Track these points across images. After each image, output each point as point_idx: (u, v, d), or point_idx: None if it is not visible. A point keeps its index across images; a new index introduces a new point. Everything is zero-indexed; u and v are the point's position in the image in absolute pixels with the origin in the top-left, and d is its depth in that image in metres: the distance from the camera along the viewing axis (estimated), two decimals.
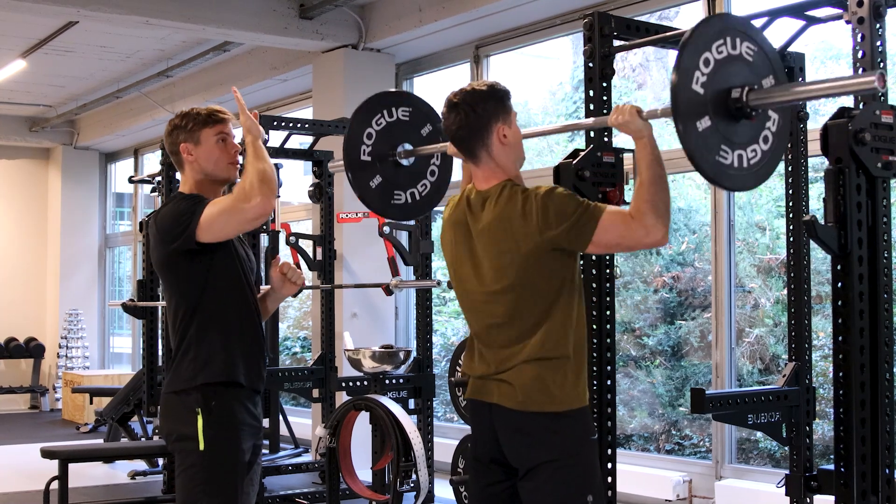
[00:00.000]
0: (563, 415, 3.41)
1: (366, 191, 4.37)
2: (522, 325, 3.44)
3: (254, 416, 3.80)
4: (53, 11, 8.82)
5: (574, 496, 3.39)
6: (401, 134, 4.44)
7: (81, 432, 12.44)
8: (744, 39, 3.26)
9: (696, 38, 3.17)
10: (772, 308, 7.65)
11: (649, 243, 3.34)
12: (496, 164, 3.54)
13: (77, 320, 15.22)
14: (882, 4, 3.67)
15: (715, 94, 3.18)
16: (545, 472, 3.39)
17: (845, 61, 6.04)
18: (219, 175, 3.85)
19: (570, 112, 9.62)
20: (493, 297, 3.50)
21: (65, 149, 15.63)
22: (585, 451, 3.45)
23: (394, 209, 4.47)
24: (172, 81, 12.25)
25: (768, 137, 3.33)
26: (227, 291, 3.79)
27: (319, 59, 9.79)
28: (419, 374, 7.03)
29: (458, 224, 3.63)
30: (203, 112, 3.86)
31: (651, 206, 3.28)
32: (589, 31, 4.33)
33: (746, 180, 3.32)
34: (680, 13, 8.04)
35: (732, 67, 3.22)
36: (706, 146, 3.16)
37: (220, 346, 3.73)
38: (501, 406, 3.46)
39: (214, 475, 3.67)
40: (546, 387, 3.40)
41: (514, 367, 3.44)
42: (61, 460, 6.84)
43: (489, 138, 3.51)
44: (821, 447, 6.66)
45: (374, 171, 4.36)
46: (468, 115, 3.52)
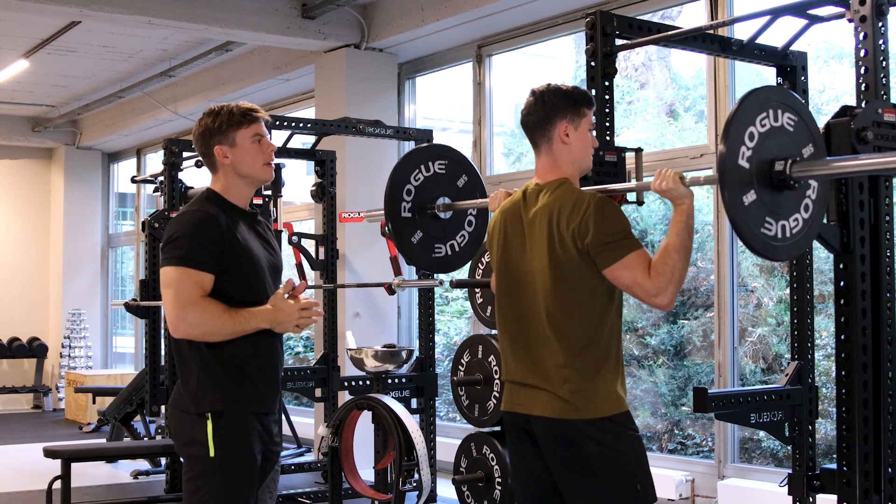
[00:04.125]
0: (609, 420, 3.48)
1: (407, 246, 4.41)
2: (561, 323, 3.51)
3: (265, 424, 3.67)
4: (56, 11, 8.82)
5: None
6: (438, 187, 4.48)
7: (84, 432, 12.44)
8: (785, 110, 3.31)
9: (742, 113, 3.21)
10: (774, 307, 7.64)
11: (653, 303, 3.42)
12: (554, 159, 3.65)
13: (80, 320, 15.22)
14: (885, 3, 3.67)
15: (760, 167, 3.22)
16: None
17: (848, 61, 6.03)
18: (256, 177, 3.72)
19: None
20: (536, 284, 3.57)
21: (67, 149, 15.64)
22: (633, 449, 3.52)
23: (435, 262, 4.52)
24: (175, 81, 12.25)
25: (809, 206, 3.36)
26: (237, 306, 3.59)
27: (322, 59, 9.79)
28: (422, 374, 7.03)
29: (509, 212, 3.73)
30: (237, 111, 3.68)
31: (670, 271, 3.36)
32: (591, 30, 4.33)
33: (790, 250, 3.35)
34: (682, 12, 8.03)
35: (775, 139, 3.26)
36: (752, 219, 3.20)
37: (224, 372, 3.58)
38: (547, 417, 3.52)
39: (225, 483, 3.55)
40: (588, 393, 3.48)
41: (555, 373, 3.51)
42: (64, 460, 6.84)
43: (552, 132, 3.63)
44: (823, 446, 6.66)
45: (414, 226, 4.40)
46: (538, 105, 3.65)
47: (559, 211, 3.51)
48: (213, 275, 3.53)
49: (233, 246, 3.59)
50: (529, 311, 3.60)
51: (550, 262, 3.51)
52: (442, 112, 10.95)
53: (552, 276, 3.51)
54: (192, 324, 3.48)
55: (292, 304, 3.61)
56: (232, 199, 3.71)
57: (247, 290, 3.62)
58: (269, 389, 3.69)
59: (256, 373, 3.64)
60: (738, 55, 4.75)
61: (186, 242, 3.52)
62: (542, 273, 3.54)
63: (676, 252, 3.37)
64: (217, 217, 3.59)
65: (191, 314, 3.47)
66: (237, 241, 3.61)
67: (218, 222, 3.57)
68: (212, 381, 3.57)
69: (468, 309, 9.24)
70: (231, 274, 3.58)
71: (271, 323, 3.59)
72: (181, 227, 3.57)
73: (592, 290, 3.49)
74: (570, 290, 3.49)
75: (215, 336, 3.52)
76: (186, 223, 3.57)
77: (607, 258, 3.41)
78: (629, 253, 3.40)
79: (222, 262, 3.55)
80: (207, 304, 3.49)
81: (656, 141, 8.30)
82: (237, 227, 3.64)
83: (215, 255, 3.54)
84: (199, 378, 3.58)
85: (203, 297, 3.49)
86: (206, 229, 3.55)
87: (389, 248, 6.89)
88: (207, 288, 3.52)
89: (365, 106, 9.26)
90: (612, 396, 3.49)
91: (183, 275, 3.49)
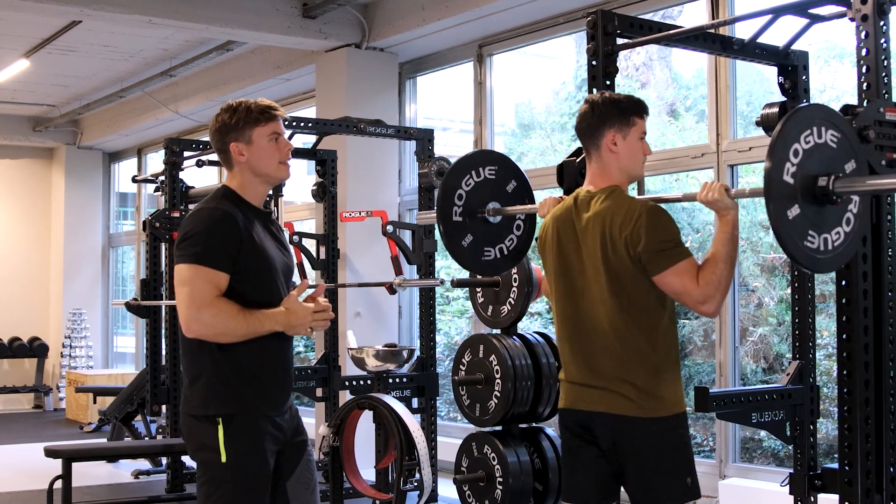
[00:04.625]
0: (669, 418, 3.63)
1: (458, 249, 4.45)
2: (619, 327, 3.63)
3: (277, 424, 3.62)
4: (56, 11, 8.82)
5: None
6: (488, 192, 4.51)
7: (85, 431, 12.44)
8: (829, 128, 3.35)
9: (788, 130, 3.26)
10: (775, 307, 7.64)
11: (701, 310, 3.56)
12: (603, 167, 3.77)
13: (80, 320, 15.21)
14: (886, 2, 3.66)
15: (804, 182, 3.26)
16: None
17: (849, 60, 6.03)
18: (271, 175, 3.65)
19: (574, 111, 9.61)
20: (592, 289, 3.69)
21: (68, 148, 15.64)
22: (686, 446, 3.70)
23: (484, 265, 4.55)
24: (176, 81, 12.25)
25: (850, 220, 3.40)
26: (250, 306, 3.53)
27: (322, 59, 9.79)
28: (423, 373, 7.03)
29: (561, 219, 3.83)
30: (254, 108, 3.61)
31: (717, 280, 3.49)
32: (592, 29, 4.33)
33: (831, 263, 3.39)
34: (683, 12, 8.03)
35: (818, 155, 3.30)
36: (796, 232, 3.24)
37: (234, 374, 3.54)
38: (609, 413, 3.65)
39: (238, 487, 3.51)
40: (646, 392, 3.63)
41: (614, 374, 3.64)
42: (65, 459, 6.83)
43: (600, 140, 3.76)
44: (825, 446, 6.65)
45: (464, 230, 4.44)
46: (589, 113, 3.80)
47: (612, 218, 3.63)
48: (228, 274, 3.47)
49: (249, 245, 3.53)
50: (587, 316, 3.72)
51: (605, 268, 3.63)
52: (443, 112, 10.95)
53: (607, 281, 3.63)
54: (206, 323, 3.43)
55: (306, 307, 3.57)
56: (247, 198, 3.65)
57: (260, 291, 3.57)
58: (279, 392, 3.65)
59: (267, 375, 3.60)
60: (739, 54, 4.75)
61: (202, 240, 3.47)
62: (597, 278, 3.66)
63: (723, 262, 3.50)
64: (234, 215, 3.53)
65: (205, 314, 3.42)
66: (253, 240, 3.55)
67: (235, 220, 3.52)
68: (222, 384, 3.52)
69: (469, 308, 9.23)
70: (245, 274, 3.52)
71: (284, 326, 3.54)
72: (197, 225, 3.52)
73: (645, 295, 3.61)
74: (625, 295, 3.62)
75: (228, 337, 3.47)
76: (203, 220, 3.52)
77: (658, 265, 3.54)
78: (680, 261, 3.53)
79: (238, 262, 3.49)
80: (222, 304, 3.44)
81: (657, 141, 8.29)
82: (253, 226, 3.59)
83: (232, 253, 3.48)
84: (208, 380, 3.54)
85: (218, 296, 3.45)
86: (223, 227, 3.50)
87: (390, 247, 6.89)
88: (223, 287, 3.47)
89: (366, 105, 9.26)
90: (671, 397, 3.64)
91: (198, 273, 3.44)
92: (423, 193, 7.24)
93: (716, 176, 7.06)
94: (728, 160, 7.02)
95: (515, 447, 5.72)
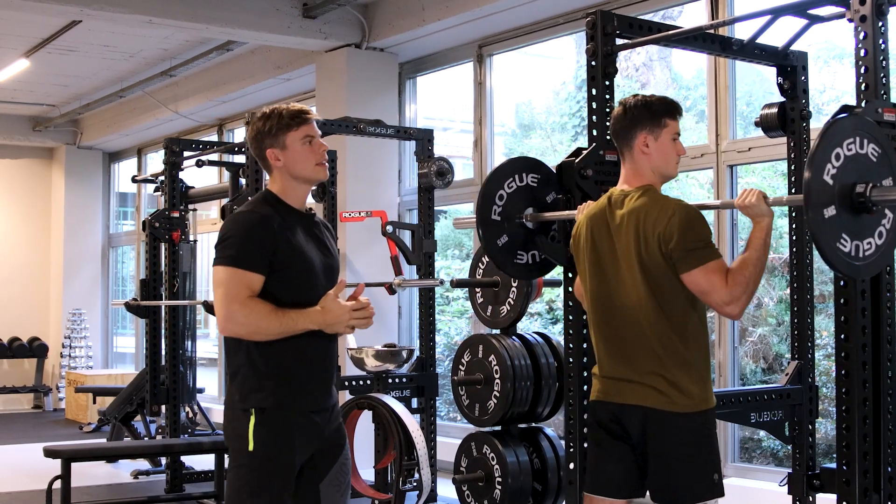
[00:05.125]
0: (699, 414, 3.70)
1: (492, 247, 4.49)
2: (652, 323, 3.69)
3: (315, 421, 3.68)
4: (57, 11, 8.83)
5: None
6: (528, 198, 4.56)
7: (84, 432, 12.44)
8: (871, 141, 3.44)
9: (831, 134, 3.35)
10: (775, 307, 7.65)
11: (725, 311, 3.62)
12: (636, 167, 3.85)
13: (80, 320, 15.22)
14: (885, 2, 3.67)
15: (842, 186, 3.34)
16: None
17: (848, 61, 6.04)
18: (309, 178, 3.76)
19: (574, 111, 9.63)
20: (626, 286, 3.75)
21: (68, 148, 15.64)
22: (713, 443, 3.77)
23: (515, 267, 4.59)
24: (176, 81, 12.26)
25: (883, 233, 3.47)
26: (287, 307, 3.62)
27: (322, 59, 9.79)
28: (422, 373, 7.04)
29: (595, 218, 3.89)
30: (286, 114, 3.73)
31: (745, 282, 3.56)
32: (591, 29, 4.34)
33: (860, 270, 3.44)
34: (683, 12, 8.04)
35: (858, 164, 3.39)
36: (830, 232, 3.31)
37: (270, 371, 3.62)
38: (641, 406, 3.72)
39: (260, 477, 3.59)
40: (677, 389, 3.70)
41: (648, 369, 3.71)
42: (64, 460, 6.84)
43: (632, 141, 3.84)
44: (823, 446, 6.66)
45: (501, 230, 4.49)
46: (621, 116, 3.87)
47: (646, 215, 3.69)
48: (262, 275, 3.57)
49: (285, 247, 3.62)
50: (621, 312, 3.78)
51: (639, 265, 3.69)
52: (443, 112, 10.96)
53: (641, 278, 3.69)
54: (239, 322, 3.54)
55: (343, 306, 3.63)
56: (288, 201, 3.75)
57: (298, 292, 3.64)
58: (317, 388, 3.72)
59: (304, 373, 3.67)
60: (738, 55, 4.76)
61: (237, 243, 3.59)
62: (632, 275, 3.72)
63: (754, 265, 3.57)
64: (269, 219, 3.63)
65: (238, 313, 3.53)
66: (289, 242, 3.64)
67: (270, 224, 3.62)
68: (257, 379, 3.61)
69: (469, 309, 9.24)
70: (282, 275, 3.61)
71: (320, 324, 3.61)
72: (234, 228, 3.64)
73: (676, 293, 3.67)
74: (658, 291, 3.68)
75: (262, 335, 3.57)
76: (239, 224, 3.64)
77: (688, 263, 3.60)
78: (710, 261, 3.59)
79: (274, 264, 3.59)
80: (255, 303, 3.54)
81: None
82: (291, 228, 3.68)
83: (266, 256, 3.58)
84: (245, 376, 3.64)
85: (251, 296, 3.55)
86: (258, 231, 3.60)
87: (390, 247, 6.89)
88: (256, 288, 3.57)
89: (365, 105, 9.26)
90: (701, 393, 3.70)
91: (232, 275, 3.55)
92: (423, 194, 7.25)
93: (714, 176, 7.07)
94: (727, 160, 7.02)
95: (514, 447, 5.72)
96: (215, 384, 12.79)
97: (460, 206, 10.02)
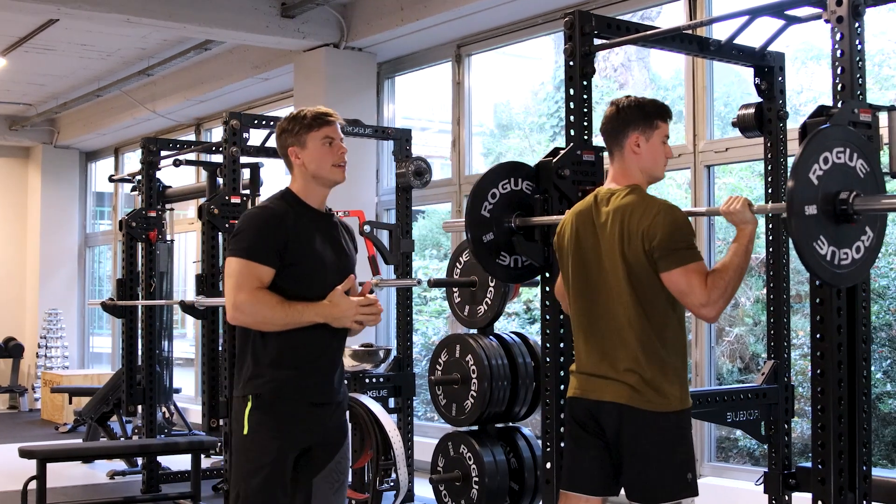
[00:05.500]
0: (674, 414, 3.71)
1: (478, 243, 4.49)
2: (632, 321, 3.70)
3: (317, 414, 3.78)
4: (34, 9, 8.79)
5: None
6: (519, 204, 4.55)
7: (60, 432, 12.38)
8: (861, 156, 3.44)
9: (823, 136, 3.36)
10: (751, 307, 7.67)
11: (701, 314, 3.64)
12: (625, 167, 3.86)
13: (57, 320, 15.15)
14: (861, 3, 3.68)
15: (826, 188, 3.33)
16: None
17: (825, 62, 6.07)
18: (325, 177, 3.87)
19: (552, 112, 9.64)
20: (608, 283, 3.76)
21: (45, 148, 15.57)
22: (688, 443, 3.78)
23: (496, 267, 4.58)
24: (153, 80, 12.21)
25: (860, 248, 3.45)
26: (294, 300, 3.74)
27: (301, 58, 9.78)
28: (399, 373, 7.02)
29: (581, 215, 3.90)
30: (309, 115, 3.86)
31: (724, 286, 3.58)
32: (569, 29, 4.34)
33: (834, 278, 3.40)
34: (662, 13, 8.06)
35: (845, 175, 3.38)
36: (808, 231, 3.29)
37: (271, 360, 3.73)
38: (617, 403, 3.72)
39: (251, 460, 3.71)
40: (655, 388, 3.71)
41: (625, 366, 3.71)
42: (39, 460, 6.81)
43: (624, 140, 3.84)
44: (800, 445, 6.69)
45: (488, 227, 4.49)
46: (614, 115, 3.88)
47: (631, 212, 3.70)
48: (272, 268, 3.69)
49: (295, 244, 3.74)
50: (602, 309, 3.79)
51: (622, 261, 3.70)
52: (421, 112, 10.96)
53: (624, 274, 3.70)
54: (245, 312, 3.65)
55: (349, 300, 3.74)
56: (306, 199, 3.87)
57: (308, 288, 3.74)
58: (320, 381, 3.81)
59: (306, 364, 3.76)
60: (715, 55, 4.77)
61: (249, 237, 3.72)
62: (615, 272, 3.73)
63: (734, 271, 3.59)
64: (282, 215, 3.77)
65: (245, 303, 3.64)
66: (301, 239, 3.76)
67: (282, 220, 3.75)
68: (259, 368, 3.74)
69: (446, 308, 9.24)
70: (292, 270, 3.72)
71: (326, 318, 3.72)
72: (247, 222, 3.78)
73: (657, 293, 3.68)
74: (640, 290, 3.69)
75: (267, 325, 3.68)
76: (252, 219, 3.78)
77: (668, 262, 3.62)
78: (691, 262, 3.61)
79: (284, 258, 3.71)
80: (261, 294, 3.66)
81: None
82: (305, 226, 3.80)
83: (277, 250, 3.70)
84: (248, 364, 3.77)
85: (258, 287, 3.67)
86: (269, 226, 3.73)
87: (367, 247, 6.88)
88: (265, 280, 3.69)
89: (344, 105, 9.24)
90: (677, 393, 3.71)
91: (243, 266, 3.68)
92: (401, 193, 7.24)
93: (692, 176, 7.09)
94: (705, 161, 7.04)
95: (492, 447, 5.72)
96: (192, 384, 12.75)
97: (438, 206, 10.02)
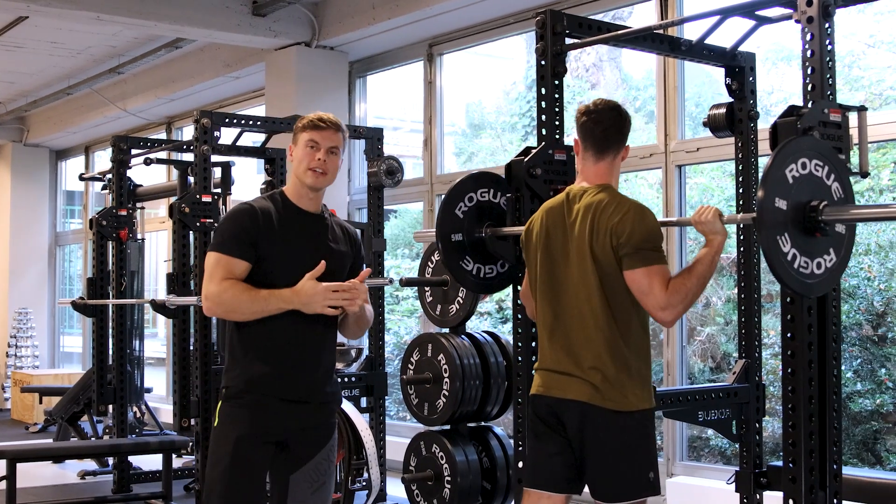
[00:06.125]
0: (636, 413, 3.73)
1: (446, 241, 4.50)
2: (597, 318, 3.72)
3: (293, 410, 3.79)
4: (3, 6, 8.73)
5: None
6: (494, 215, 4.57)
7: (31, 432, 12.32)
8: (836, 179, 3.43)
9: (802, 141, 3.39)
10: (723, 307, 7.70)
11: (659, 317, 3.65)
12: (609, 169, 3.90)
13: (27, 319, 15.06)
14: (831, 4, 3.70)
15: (797, 198, 3.32)
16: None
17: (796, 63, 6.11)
18: (300, 178, 3.88)
19: (524, 111, 9.65)
20: (575, 279, 3.77)
21: (14, 146, 15.46)
22: (651, 442, 3.80)
23: (459, 270, 4.58)
24: (124, 78, 12.16)
25: (822, 264, 3.42)
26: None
27: (272, 57, 9.75)
28: (371, 373, 7.02)
29: (552, 211, 3.91)
30: (308, 118, 3.91)
31: (685, 291, 3.62)
32: (541, 28, 4.34)
33: (793, 282, 3.36)
34: (633, 13, 8.07)
35: (819, 188, 3.37)
36: (774, 221, 3.27)
37: (244, 353, 3.81)
38: (579, 402, 3.73)
39: (217, 449, 3.77)
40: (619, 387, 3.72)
41: (589, 364, 3.73)
42: (9, 460, 6.78)
43: (620, 146, 3.91)
44: (771, 444, 6.71)
45: (459, 228, 4.51)
46: (619, 120, 3.91)
47: (603, 208, 3.73)
48: (244, 261, 3.77)
49: (267, 239, 3.78)
50: (567, 305, 3.80)
51: (590, 257, 3.72)
52: (393, 111, 10.95)
53: (592, 270, 3.72)
54: (214, 301, 3.74)
55: (315, 285, 3.74)
56: (293, 198, 3.91)
57: (278, 281, 3.76)
58: (295, 374, 3.82)
59: (280, 356, 3.80)
60: (686, 55, 4.78)
61: (221, 231, 3.85)
62: (582, 268, 3.74)
63: (697, 279, 3.63)
64: (257, 211, 3.82)
65: (213, 293, 3.73)
66: (274, 235, 3.80)
67: (255, 215, 3.81)
68: (234, 361, 3.84)
69: (418, 308, 9.23)
70: (263, 264, 3.78)
71: (293, 303, 3.73)
72: (224, 219, 3.93)
73: (623, 291, 3.70)
74: (607, 287, 3.71)
75: (237, 314, 3.76)
76: (229, 215, 3.90)
77: (633, 261, 3.64)
78: (655, 264, 3.64)
79: (259, 251, 3.77)
80: (230, 284, 3.73)
81: None
82: (284, 223, 3.84)
83: (248, 243, 3.77)
84: (227, 358, 3.89)
85: (228, 278, 3.75)
86: (241, 221, 3.80)
87: None
88: (237, 273, 3.76)
89: (315, 104, 9.22)
90: (639, 392, 3.73)
91: (215, 259, 3.77)
92: (373, 192, 7.24)
93: (663, 176, 7.10)
94: (676, 160, 7.06)
95: (464, 446, 5.73)
96: (163, 384, 12.71)
97: (410, 206, 10.01)
